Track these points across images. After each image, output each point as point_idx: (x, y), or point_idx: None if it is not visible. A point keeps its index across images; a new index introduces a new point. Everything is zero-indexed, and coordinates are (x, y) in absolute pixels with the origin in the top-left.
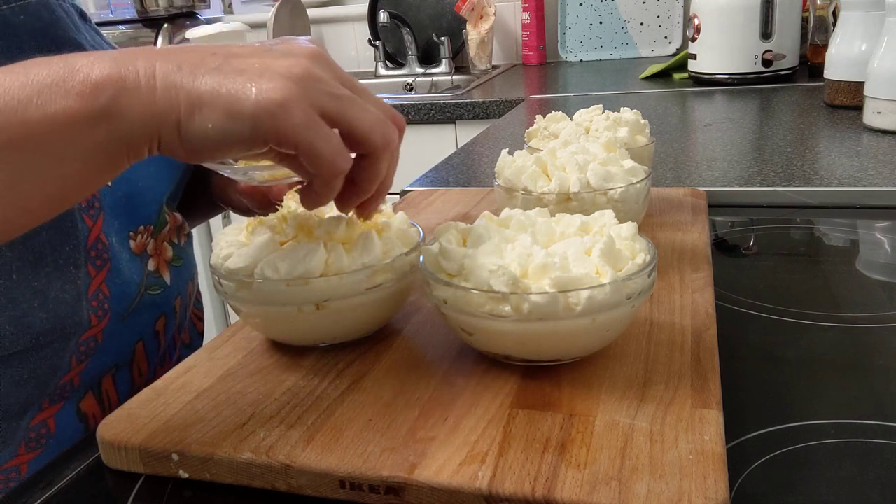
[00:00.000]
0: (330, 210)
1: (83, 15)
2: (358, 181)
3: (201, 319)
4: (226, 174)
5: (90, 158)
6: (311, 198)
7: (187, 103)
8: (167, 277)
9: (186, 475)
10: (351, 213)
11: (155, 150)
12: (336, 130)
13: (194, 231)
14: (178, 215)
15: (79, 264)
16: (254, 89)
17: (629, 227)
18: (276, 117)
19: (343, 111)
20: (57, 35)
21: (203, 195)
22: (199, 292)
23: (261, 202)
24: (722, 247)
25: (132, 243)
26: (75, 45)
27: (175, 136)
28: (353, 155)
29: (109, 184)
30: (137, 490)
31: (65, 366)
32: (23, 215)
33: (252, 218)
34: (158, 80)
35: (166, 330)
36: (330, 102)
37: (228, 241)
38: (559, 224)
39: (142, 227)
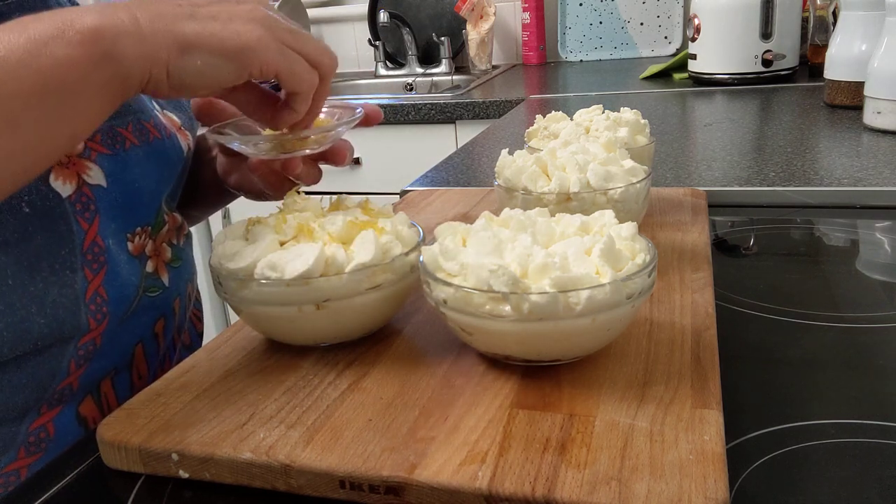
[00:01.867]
0: (330, 208)
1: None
2: (315, 97)
3: (200, 320)
4: (234, 147)
5: (96, 97)
6: (287, 115)
7: (175, 45)
8: (166, 279)
9: (186, 475)
10: (340, 213)
11: (142, 87)
12: None
13: (194, 231)
14: (177, 215)
15: (75, 268)
16: (233, 31)
17: (629, 227)
18: (257, 52)
19: (299, 42)
20: None
21: (212, 184)
22: (198, 293)
23: (274, 183)
24: (722, 247)
25: (130, 245)
26: None
27: (163, 74)
28: None
29: (104, 185)
30: (137, 490)
31: (63, 370)
32: (47, 154)
33: (252, 217)
34: (144, 27)
35: (165, 332)
36: (288, 36)
37: (228, 241)
38: (559, 224)
39: (139, 229)
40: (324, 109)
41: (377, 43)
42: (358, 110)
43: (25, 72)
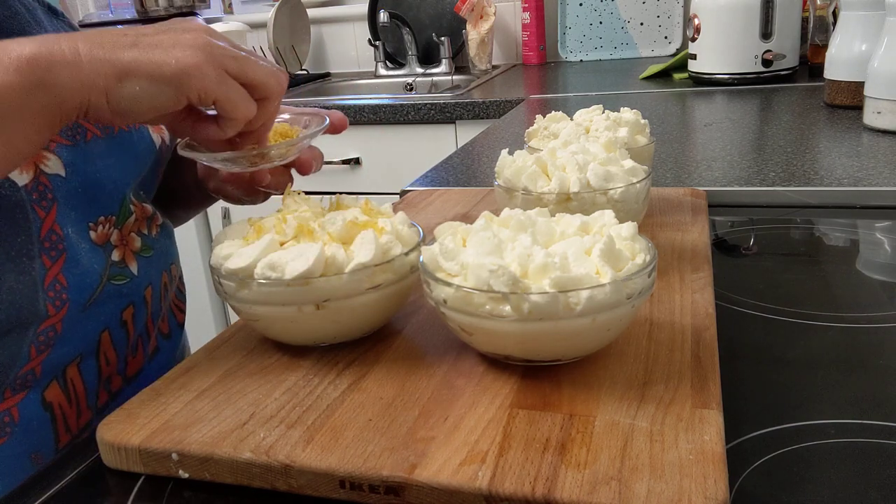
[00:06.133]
0: (330, 208)
1: (52, 10)
2: (255, 121)
3: (183, 311)
4: (204, 162)
5: (30, 122)
6: (213, 130)
7: (113, 72)
8: (134, 268)
9: (186, 475)
10: (350, 214)
11: (83, 114)
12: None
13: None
14: (147, 206)
15: (32, 255)
16: (172, 58)
17: (629, 227)
18: (195, 78)
19: (243, 67)
20: (13, 31)
21: (195, 187)
22: (181, 283)
23: (247, 190)
24: (722, 247)
25: (93, 234)
26: None
27: (103, 101)
28: None
29: (63, 174)
30: (137, 490)
31: (24, 355)
32: None
33: (252, 217)
34: (83, 55)
35: (135, 320)
36: (231, 62)
37: (228, 241)
38: (559, 224)
39: (102, 218)
40: (285, 117)
41: (377, 43)
42: (326, 121)
43: None
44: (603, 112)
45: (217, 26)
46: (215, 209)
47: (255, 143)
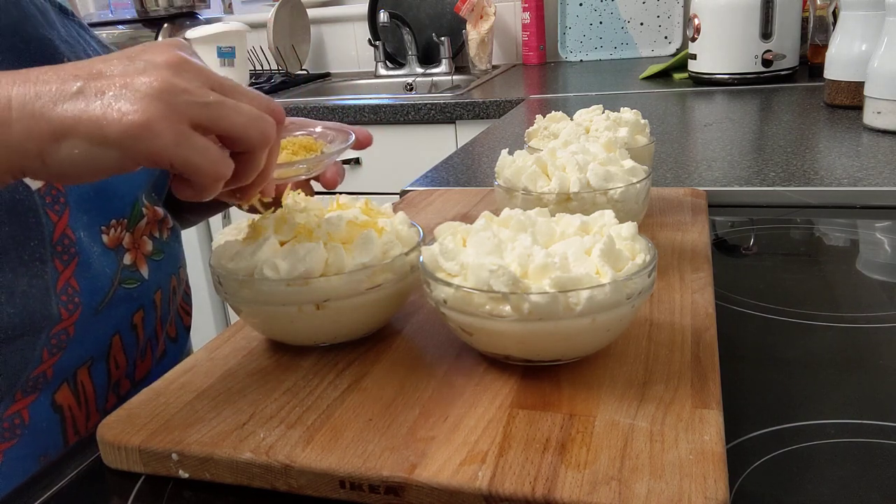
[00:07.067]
0: (330, 208)
1: (63, 10)
2: (238, 173)
3: (189, 314)
4: None
5: None
6: (186, 190)
7: (49, 133)
8: (145, 271)
9: (186, 475)
10: (351, 213)
11: (20, 177)
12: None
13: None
14: (159, 209)
15: (45, 259)
16: (115, 113)
17: (629, 227)
18: (143, 140)
19: (214, 117)
20: (26, 32)
21: None
22: (188, 286)
23: (266, 203)
24: (722, 247)
25: (105, 237)
26: (45, 42)
27: (39, 165)
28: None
29: None
30: (137, 490)
31: (36, 359)
32: None
33: (252, 218)
34: (14, 110)
35: (145, 323)
36: (199, 112)
37: (228, 240)
38: (559, 224)
39: (114, 221)
40: (317, 130)
41: (377, 43)
42: (351, 137)
43: None
44: (603, 112)
45: (217, 26)
46: None
47: (246, 198)
